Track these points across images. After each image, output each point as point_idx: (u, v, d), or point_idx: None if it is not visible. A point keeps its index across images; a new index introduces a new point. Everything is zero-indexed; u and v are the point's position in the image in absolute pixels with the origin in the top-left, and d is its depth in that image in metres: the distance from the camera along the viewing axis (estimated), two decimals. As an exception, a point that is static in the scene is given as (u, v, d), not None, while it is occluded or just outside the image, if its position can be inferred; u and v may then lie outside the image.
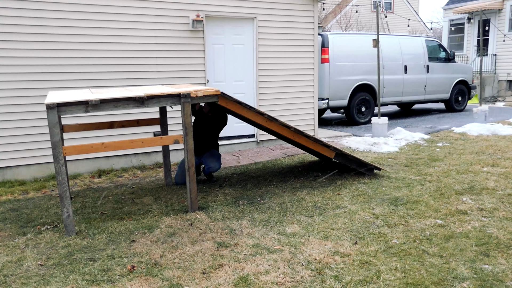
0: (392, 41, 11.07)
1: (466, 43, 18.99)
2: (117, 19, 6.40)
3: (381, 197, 4.86)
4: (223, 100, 4.70)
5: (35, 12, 5.88)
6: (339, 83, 10.00)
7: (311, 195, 5.01)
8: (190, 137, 4.44)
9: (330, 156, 5.47)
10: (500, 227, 3.90)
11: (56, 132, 3.85)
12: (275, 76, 7.85)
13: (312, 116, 8.32)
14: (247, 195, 5.13)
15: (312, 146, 5.39)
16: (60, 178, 3.92)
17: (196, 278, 3.14)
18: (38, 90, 5.99)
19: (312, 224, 4.11)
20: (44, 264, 3.46)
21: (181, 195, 5.22)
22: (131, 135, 6.47)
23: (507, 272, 3.10)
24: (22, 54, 5.88)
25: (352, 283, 2.99)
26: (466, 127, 8.98)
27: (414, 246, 3.56)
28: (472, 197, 4.72)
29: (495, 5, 17.08)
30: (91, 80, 6.33)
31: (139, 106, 4.17)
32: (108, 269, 3.32)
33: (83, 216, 4.59)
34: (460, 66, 12.66)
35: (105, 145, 4.15)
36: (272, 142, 8.02)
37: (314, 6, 8.05)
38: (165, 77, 6.80)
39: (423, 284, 2.95)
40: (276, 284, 3.02)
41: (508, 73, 17.14)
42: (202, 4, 6.98)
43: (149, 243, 3.79)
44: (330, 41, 9.91)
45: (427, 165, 6.21)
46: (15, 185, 5.87)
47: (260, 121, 5.01)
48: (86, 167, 6.49)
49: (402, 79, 11.09)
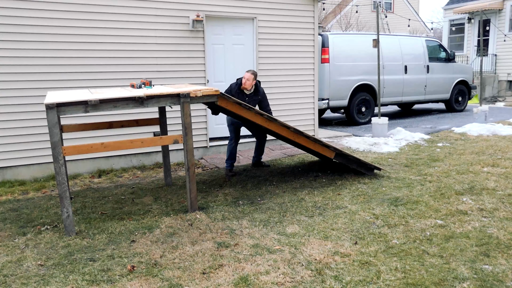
0: (392, 41, 11.06)
1: (466, 43, 18.99)
2: (117, 19, 6.40)
3: (381, 197, 4.85)
4: (223, 101, 4.69)
5: (35, 12, 5.88)
6: (339, 83, 9.99)
7: (311, 195, 5.01)
8: (190, 137, 4.43)
9: (330, 156, 5.46)
10: (500, 227, 3.89)
11: (55, 132, 3.85)
12: (275, 76, 7.85)
13: (312, 116, 8.32)
14: (247, 195, 5.13)
15: (312, 147, 5.39)
16: (60, 178, 3.92)
17: (196, 278, 3.13)
18: (37, 90, 5.99)
19: (312, 224, 4.11)
20: (44, 264, 3.46)
21: (181, 195, 5.22)
22: (131, 135, 6.47)
23: (507, 272, 3.09)
24: (22, 54, 5.88)
25: (352, 283, 2.99)
26: (466, 127, 8.97)
27: (414, 246, 3.56)
28: (472, 197, 4.72)
29: (495, 5, 17.08)
30: (90, 80, 6.33)
31: (138, 106, 4.17)
32: (108, 269, 3.32)
33: (83, 216, 4.59)
34: (460, 66, 12.66)
35: (104, 145, 4.15)
36: (272, 142, 8.02)
37: (314, 6, 8.05)
38: (165, 77, 6.80)
39: (423, 284, 2.95)
40: (276, 284, 3.02)
41: (508, 73, 17.14)
42: (202, 4, 6.97)
43: (149, 243, 3.79)
44: (330, 41, 9.90)
45: (427, 165, 6.21)
46: (15, 185, 5.87)
47: (259, 121, 5.01)
48: (86, 167, 6.49)
49: (402, 79, 11.08)
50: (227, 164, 6.12)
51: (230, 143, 6.10)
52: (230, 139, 6.10)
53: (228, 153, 6.09)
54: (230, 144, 6.11)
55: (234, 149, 6.10)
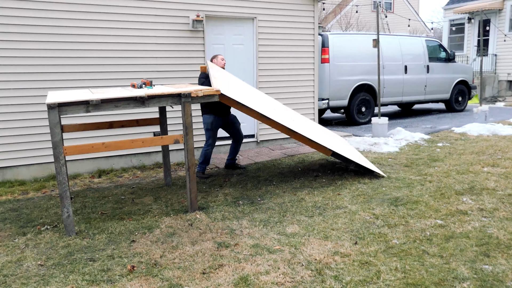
0: (392, 41, 11.07)
1: (466, 43, 18.99)
2: (117, 19, 6.40)
3: (381, 197, 4.85)
4: (225, 99, 4.76)
5: (36, 12, 5.88)
6: (339, 83, 9.99)
7: (311, 195, 5.01)
8: (190, 136, 4.44)
9: (326, 154, 5.52)
10: (500, 227, 3.90)
11: (57, 132, 3.85)
12: (275, 76, 7.85)
13: (312, 116, 8.32)
14: (247, 195, 5.13)
15: (308, 144, 5.43)
16: (61, 178, 3.92)
17: (196, 278, 3.14)
18: (38, 90, 5.99)
19: (312, 224, 4.11)
20: (44, 264, 3.46)
21: (181, 195, 5.22)
22: (131, 135, 6.48)
23: (507, 272, 3.10)
24: (22, 54, 5.88)
25: (352, 283, 2.99)
26: (466, 127, 8.97)
27: (414, 246, 3.56)
28: (472, 197, 4.72)
29: (495, 5, 17.08)
30: (91, 80, 6.33)
31: (139, 106, 4.17)
32: (108, 269, 3.32)
33: (83, 216, 4.59)
34: (460, 66, 12.66)
35: (105, 145, 4.15)
36: (272, 142, 8.02)
37: (314, 6, 8.06)
38: (165, 77, 6.80)
39: (423, 284, 2.95)
40: (276, 284, 3.02)
41: (508, 73, 17.14)
42: (202, 4, 6.98)
43: (149, 243, 3.79)
44: (330, 41, 9.91)
45: (427, 165, 6.21)
46: (15, 185, 5.87)
47: (258, 118, 5.17)
48: (86, 167, 6.49)
49: (402, 79, 11.08)
50: (201, 168, 6.03)
51: (209, 148, 5.95)
52: (209, 144, 5.94)
53: (203, 158, 5.98)
54: (208, 148, 5.96)
55: (210, 153, 6.00)
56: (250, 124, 7.80)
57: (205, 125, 5.94)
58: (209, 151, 5.99)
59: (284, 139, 8.14)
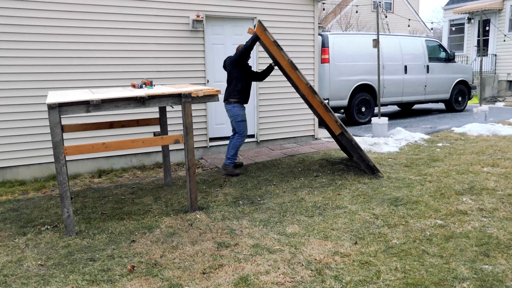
0: (392, 41, 11.07)
1: (466, 43, 18.99)
2: (117, 19, 6.40)
3: (381, 197, 4.86)
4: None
5: (35, 12, 5.88)
6: (339, 83, 10.00)
7: (311, 195, 5.01)
8: (190, 137, 4.44)
9: (336, 132, 5.66)
10: (500, 227, 3.90)
11: (57, 132, 3.85)
12: (275, 76, 7.84)
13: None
14: (247, 195, 5.14)
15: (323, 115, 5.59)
16: (61, 178, 3.92)
17: (196, 278, 3.14)
18: (38, 90, 5.99)
19: (312, 224, 4.12)
20: (44, 264, 3.46)
21: (181, 195, 5.22)
22: (131, 135, 6.48)
23: (507, 272, 3.10)
24: (22, 54, 5.88)
25: (352, 283, 2.99)
26: (466, 127, 8.98)
27: (414, 246, 3.56)
28: (472, 197, 4.72)
29: (495, 5, 17.08)
30: (91, 80, 6.33)
31: (140, 106, 4.17)
32: (108, 269, 3.32)
33: (83, 216, 4.59)
34: (460, 66, 12.66)
35: (106, 145, 4.15)
36: (272, 142, 8.03)
37: (314, 6, 8.06)
38: (165, 77, 6.81)
39: (423, 284, 2.95)
40: (276, 284, 3.02)
41: (508, 73, 17.14)
42: (202, 4, 6.98)
43: (149, 243, 3.79)
44: (330, 41, 9.91)
45: (427, 165, 6.21)
46: (15, 185, 5.87)
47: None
48: (86, 167, 6.49)
49: (402, 79, 11.09)
50: (232, 162, 6.13)
51: (243, 139, 6.10)
52: (244, 135, 6.08)
53: (235, 150, 6.08)
54: (242, 140, 6.10)
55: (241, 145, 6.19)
56: (250, 124, 7.80)
57: (238, 117, 6.02)
58: (242, 143, 6.11)
59: (284, 139, 8.14)
